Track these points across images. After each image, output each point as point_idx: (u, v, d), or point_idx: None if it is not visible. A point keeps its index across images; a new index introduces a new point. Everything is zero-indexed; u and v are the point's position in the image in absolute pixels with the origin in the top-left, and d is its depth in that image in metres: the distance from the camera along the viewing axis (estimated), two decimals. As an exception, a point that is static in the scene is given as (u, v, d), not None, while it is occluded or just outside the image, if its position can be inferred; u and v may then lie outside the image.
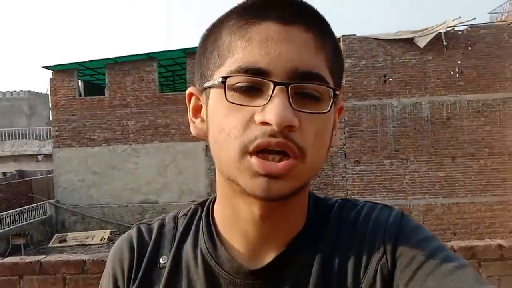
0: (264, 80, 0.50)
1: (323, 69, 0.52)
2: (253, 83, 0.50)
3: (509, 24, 12.39)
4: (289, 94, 0.49)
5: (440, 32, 12.28)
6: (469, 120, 12.39)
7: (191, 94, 0.60)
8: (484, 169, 12.30)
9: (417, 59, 12.58)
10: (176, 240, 0.63)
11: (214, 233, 0.61)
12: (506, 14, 12.92)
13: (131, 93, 14.35)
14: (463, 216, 12.25)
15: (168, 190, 14.07)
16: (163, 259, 0.62)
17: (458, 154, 12.37)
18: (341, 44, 12.88)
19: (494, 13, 13.81)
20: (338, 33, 13.23)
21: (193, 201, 0.62)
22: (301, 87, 0.50)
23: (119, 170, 14.37)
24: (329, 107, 0.52)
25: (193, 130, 0.60)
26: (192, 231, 0.63)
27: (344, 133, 12.75)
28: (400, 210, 0.59)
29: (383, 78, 12.68)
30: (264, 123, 0.49)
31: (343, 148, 12.78)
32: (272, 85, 0.49)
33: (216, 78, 0.52)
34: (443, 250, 0.53)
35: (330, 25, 0.56)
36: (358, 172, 12.78)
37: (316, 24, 0.54)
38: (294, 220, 0.58)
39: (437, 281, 0.50)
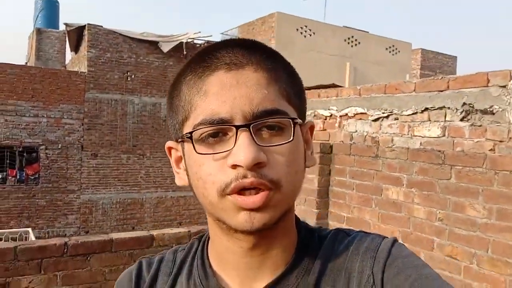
0: (226, 126, 0.52)
1: (279, 102, 0.55)
2: (217, 131, 0.53)
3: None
4: (252, 133, 0.52)
5: (182, 42, 13.26)
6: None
7: (170, 148, 0.63)
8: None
9: (159, 62, 13.26)
10: (173, 272, 0.65)
11: (207, 265, 0.63)
12: (235, 36, 15.06)
13: None
14: (189, 208, 13.68)
15: None
16: None
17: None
18: (86, 32, 12.46)
19: (225, 34, 15.90)
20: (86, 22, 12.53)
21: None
22: (262, 124, 0.53)
23: None
24: (292, 135, 0.54)
25: (178, 181, 0.62)
26: (187, 264, 0.66)
27: (83, 125, 12.35)
28: (393, 238, 0.60)
29: (126, 74, 12.88)
30: (234, 166, 0.51)
31: (80, 140, 12.36)
32: (235, 129, 0.52)
33: (185, 133, 0.56)
34: (433, 279, 0.52)
35: (279, 56, 0.59)
36: (94, 165, 12.55)
37: (264, 61, 0.56)
38: (282, 249, 0.60)
39: None
